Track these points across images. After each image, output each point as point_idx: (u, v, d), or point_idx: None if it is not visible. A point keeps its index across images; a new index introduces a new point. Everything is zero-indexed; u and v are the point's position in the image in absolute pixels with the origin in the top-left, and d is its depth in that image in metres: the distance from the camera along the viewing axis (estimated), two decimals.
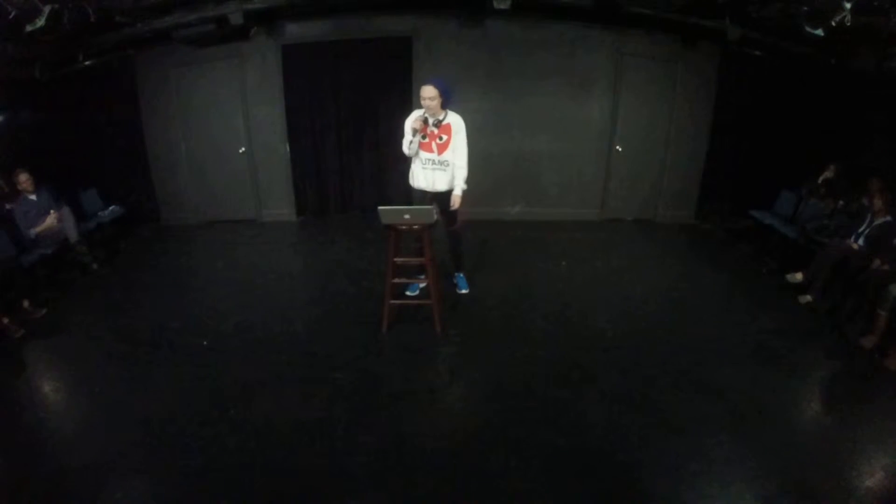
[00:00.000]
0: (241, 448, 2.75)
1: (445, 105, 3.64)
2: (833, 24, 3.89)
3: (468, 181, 3.87)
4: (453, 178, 3.83)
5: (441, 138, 3.67)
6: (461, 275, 4.42)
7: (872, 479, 2.58)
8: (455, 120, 3.70)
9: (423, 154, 3.74)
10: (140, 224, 6.31)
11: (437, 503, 2.46)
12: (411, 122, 3.68)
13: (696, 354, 3.63)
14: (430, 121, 3.57)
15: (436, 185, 3.83)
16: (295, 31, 5.81)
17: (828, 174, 5.30)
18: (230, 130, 6.12)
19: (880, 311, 3.62)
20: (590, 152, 6.24)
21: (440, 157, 3.72)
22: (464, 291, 4.37)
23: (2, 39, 4.17)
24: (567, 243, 5.72)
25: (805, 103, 5.71)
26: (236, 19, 5.05)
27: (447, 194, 3.86)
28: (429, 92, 3.52)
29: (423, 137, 3.62)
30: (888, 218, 4.13)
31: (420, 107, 3.66)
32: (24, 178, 4.73)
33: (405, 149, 3.73)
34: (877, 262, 3.85)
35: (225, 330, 3.94)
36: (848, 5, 3.73)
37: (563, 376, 3.36)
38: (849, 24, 3.82)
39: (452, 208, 3.89)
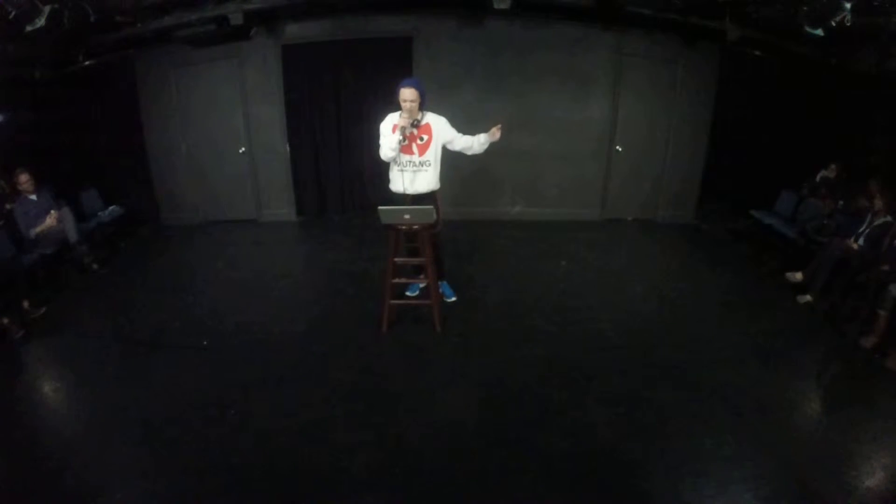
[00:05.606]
0: (241, 448, 2.75)
1: (422, 106, 3.60)
2: (833, 24, 3.89)
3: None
4: (434, 178, 3.77)
5: (421, 139, 3.64)
6: (444, 282, 4.31)
7: (872, 479, 2.58)
8: (434, 118, 3.65)
9: (403, 156, 3.68)
10: (140, 224, 6.31)
11: (436, 503, 2.47)
12: (389, 125, 3.62)
13: (696, 354, 3.63)
14: (411, 120, 3.54)
15: (415, 186, 3.75)
16: (295, 31, 5.81)
17: (828, 173, 5.30)
18: (230, 130, 6.12)
19: (880, 311, 3.62)
20: (590, 152, 6.24)
21: (421, 158, 3.68)
22: (452, 299, 4.28)
23: (2, 39, 4.17)
24: (567, 243, 5.72)
25: (805, 103, 5.71)
26: (236, 19, 5.05)
27: (427, 197, 3.77)
28: (410, 94, 3.45)
29: (403, 140, 3.59)
30: (888, 218, 4.13)
31: (396, 110, 3.59)
32: (24, 179, 4.73)
33: (387, 151, 3.63)
34: (885, 267, 3.80)
35: (225, 330, 3.94)
36: (848, 5, 3.73)
37: (563, 376, 3.37)
38: (849, 24, 3.82)
39: (494, 139, 3.73)
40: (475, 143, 3.76)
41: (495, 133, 3.71)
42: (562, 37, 5.81)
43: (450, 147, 3.79)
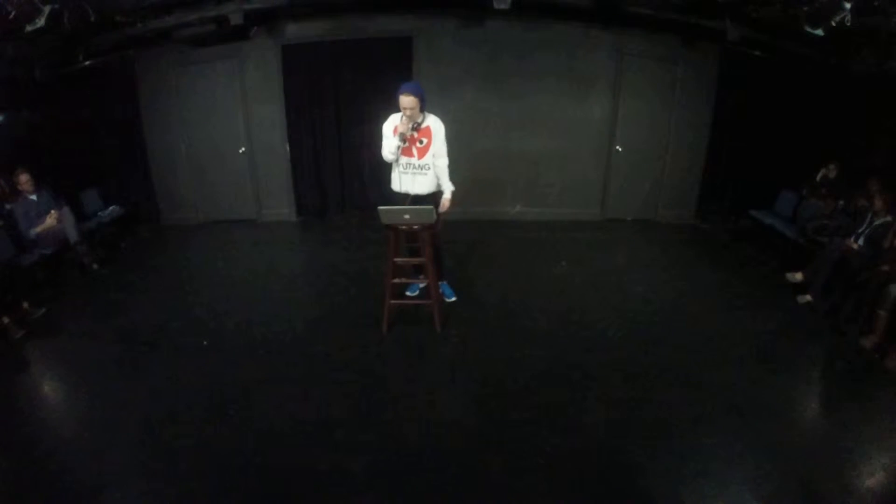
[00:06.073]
0: (241, 448, 2.75)
1: (423, 109, 3.60)
2: (833, 24, 3.89)
3: (453, 180, 3.82)
4: (434, 181, 3.77)
5: (421, 142, 3.63)
6: (444, 283, 4.30)
7: (872, 479, 2.58)
8: (434, 122, 3.64)
9: (403, 159, 3.68)
10: (140, 224, 6.31)
11: (437, 503, 2.46)
12: (391, 127, 3.62)
13: (696, 354, 3.63)
14: (411, 125, 3.55)
15: (415, 188, 3.75)
16: (295, 31, 5.81)
17: (828, 173, 5.29)
18: (230, 130, 6.12)
19: (880, 311, 3.62)
20: (590, 152, 6.24)
21: (420, 161, 3.68)
22: (452, 299, 4.28)
23: (2, 39, 4.17)
24: (567, 243, 5.72)
25: (805, 103, 5.71)
26: (236, 19, 5.05)
27: (427, 198, 3.76)
28: (409, 102, 3.43)
29: (404, 143, 3.59)
30: (888, 218, 4.13)
31: (397, 111, 3.58)
32: (24, 179, 4.73)
33: (388, 154, 3.66)
34: (885, 267, 3.78)
35: (225, 330, 3.94)
36: (848, 5, 3.74)
37: (563, 376, 3.36)
38: (849, 24, 3.82)
39: (441, 211, 3.80)
40: (443, 175, 3.75)
41: (446, 203, 3.79)
42: (562, 37, 5.81)
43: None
